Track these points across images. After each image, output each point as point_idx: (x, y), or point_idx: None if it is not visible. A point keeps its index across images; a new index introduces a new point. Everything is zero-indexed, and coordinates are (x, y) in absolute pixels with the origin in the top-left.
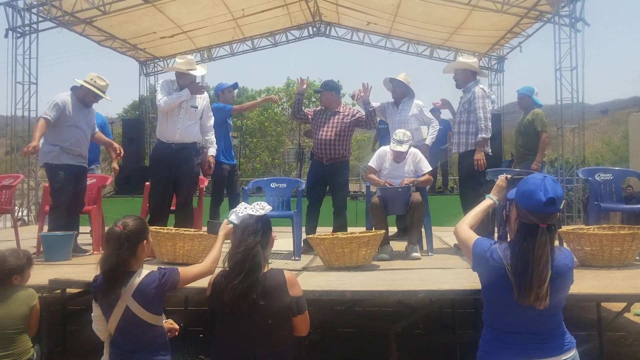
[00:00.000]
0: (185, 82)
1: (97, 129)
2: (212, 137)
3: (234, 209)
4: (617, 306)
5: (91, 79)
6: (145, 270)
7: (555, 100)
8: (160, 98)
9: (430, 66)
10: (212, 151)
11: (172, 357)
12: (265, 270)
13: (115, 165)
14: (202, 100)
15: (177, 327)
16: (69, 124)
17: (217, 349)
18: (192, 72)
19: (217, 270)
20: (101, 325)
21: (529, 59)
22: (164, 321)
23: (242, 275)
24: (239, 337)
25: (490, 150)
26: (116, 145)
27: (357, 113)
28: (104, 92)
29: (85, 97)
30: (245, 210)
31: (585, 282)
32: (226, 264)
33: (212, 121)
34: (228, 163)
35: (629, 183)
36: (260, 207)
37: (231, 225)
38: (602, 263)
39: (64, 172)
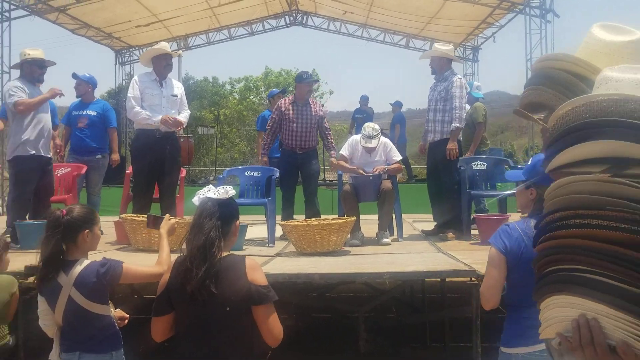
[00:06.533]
0: (160, 65)
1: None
2: (185, 125)
3: (199, 191)
4: None
5: (25, 55)
6: (88, 260)
7: None
8: (134, 106)
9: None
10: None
11: (124, 346)
12: (224, 255)
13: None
14: (180, 89)
15: (127, 316)
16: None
17: (177, 338)
18: (166, 50)
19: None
20: (48, 320)
21: (502, 49)
22: (113, 311)
23: (202, 261)
24: (193, 325)
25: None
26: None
27: (321, 111)
28: (43, 58)
29: (32, 73)
30: (208, 192)
31: None
32: (184, 247)
33: (187, 111)
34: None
35: None
36: (224, 191)
37: (174, 220)
38: None
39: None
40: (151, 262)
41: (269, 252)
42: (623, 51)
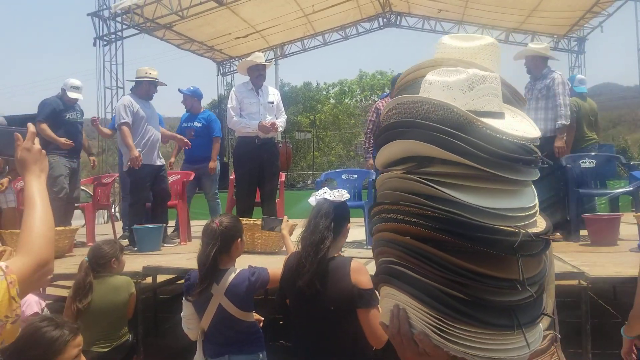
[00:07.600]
0: (253, 75)
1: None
2: (281, 129)
3: (315, 192)
4: None
5: (145, 73)
6: (237, 268)
7: (639, 81)
8: (233, 116)
9: (505, 51)
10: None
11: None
12: (333, 256)
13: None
14: (275, 95)
15: (262, 318)
16: (142, 122)
17: (293, 333)
18: (256, 61)
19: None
20: (192, 323)
21: (611, 38)
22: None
23: (314, 258)
24: (306, 321)
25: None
26: (178, 136)
27: None
28: (157, 79)
29: (149, 91)
30: (324, 194)
31: None
32: (299, 246)
33: (284, 116)
34: None
35: None
36: (339, 194)
37: (291, 222)
38: None
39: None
40: (258, 263)
41: (367, 254)
42: (482, 53)
